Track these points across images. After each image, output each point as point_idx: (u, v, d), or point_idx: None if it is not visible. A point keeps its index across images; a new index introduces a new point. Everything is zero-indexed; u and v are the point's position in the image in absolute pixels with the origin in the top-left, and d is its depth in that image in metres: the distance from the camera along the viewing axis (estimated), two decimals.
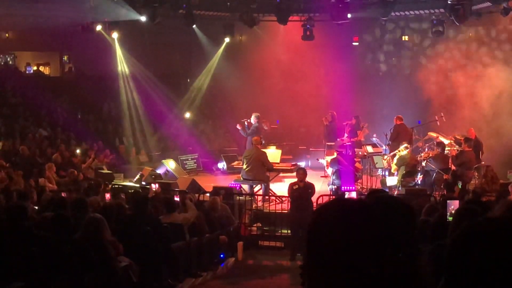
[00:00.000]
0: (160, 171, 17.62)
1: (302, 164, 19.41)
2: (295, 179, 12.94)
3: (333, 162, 14.91)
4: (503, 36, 21.41)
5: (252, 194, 14.42)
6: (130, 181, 16.32)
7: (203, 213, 11.06)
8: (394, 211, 2.02)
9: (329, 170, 15.33)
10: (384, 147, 17.54)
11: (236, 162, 17.12)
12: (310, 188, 12.49)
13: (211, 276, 10.78)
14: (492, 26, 21.19)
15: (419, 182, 15.03)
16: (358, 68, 23.21)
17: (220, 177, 18.49)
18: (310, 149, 20.47)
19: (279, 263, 12.08)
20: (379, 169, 16.33)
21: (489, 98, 18.48)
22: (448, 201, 8.14)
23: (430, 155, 15.63)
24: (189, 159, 19.82)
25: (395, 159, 15.24)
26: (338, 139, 17.48)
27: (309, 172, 18.59)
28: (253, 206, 14.16)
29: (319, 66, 22.28)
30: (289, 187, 12.67)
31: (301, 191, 12.34)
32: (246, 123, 17.36)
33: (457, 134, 17.17)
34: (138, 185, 15.43)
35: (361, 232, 1.90)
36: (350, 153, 16.00)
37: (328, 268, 1.90)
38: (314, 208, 11.22)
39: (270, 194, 14.75)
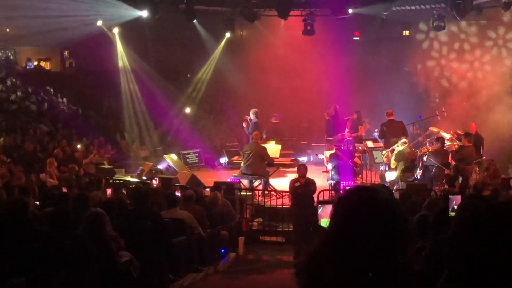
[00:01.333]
0: (161, 166, 17.63)
1: (304, 159, 19.44)
2: (296, 175, 12.93)
3: (331, 157, 14.93)
4: (504, 30, 21.36)
5: (251, 189, 14.42)
6: (131, 177, 16.32)
7: (204, 208, 11.06)
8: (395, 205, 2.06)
9: (329, 165, 15.32)
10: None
11: (236, 157, 17.13)
12: (311, 185, 12.20)
13: (212, 271, 10.79)
14: (493, 21, 21.15)
15: (419, 177, 15.02)
16: (359, 63, 23.15)
17: (222, 172, 18.48)
18: (312, 144, 20.46)
19: (280, 258, 12.10)
20: (381, 164, 16.33)
21: (490, 93, 18.48)
22: (450, 196, 8.13)
23: (430, 150, 15.64)
24: (191, 154, 19.83)
25: (394, 154, 15.24)
26: (338, 134, 17.47)
27: (310, 167, 18.62)
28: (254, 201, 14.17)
29: (320, 61, 22.23)
30: (290, 183, 12.46)
31: (303, 188, 12.09)
32: (248, 120, 17.44)
33: (458, 129, 17.16)
34: (139, 180, 15.44)
35: (381, 225, 1.93)
36: (351, 148, 16.03)
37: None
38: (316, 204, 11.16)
39: (270, 189, 14.75)
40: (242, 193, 13.90)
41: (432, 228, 5.39)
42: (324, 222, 10.40)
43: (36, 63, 26.86)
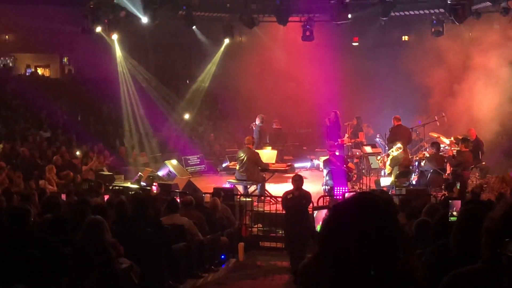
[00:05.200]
0: (162, 172, 17.64)
1: (307, 165, 19.46)
2: None
3: (325, 163, 14.95)
4: (503, 35, 21.35)
5: (246, 194, 14.41)
6: (131, 183, 16.33)
7: (204, 214, 11.05)
8: (392, 210, 2.08)
9: (325, 171, 15.27)
10: (387, 148, 17.46)
11: (232, 163, 17.11)
12: (305, 198, 11.13)
13: (212, 277, 10.77)
14: (492, 26, 21.15)
15: (414, 183, 14.97)
16: (358, 68, 23.19)
17: (224, 178, 18.44)
18: (316, 150, 20.44)
19: (280, 264, 12.06)
20: (382, 170, 16.34)
21: (490, 98, 18.45)
22: (450, 201, 8.12)
23: (426, 155, 15.63)
24: (193, 156, 19.90)
25: (388, 159, 15.23)
26: (338, 140, 17.47)
27: (312, 173, 18.72)
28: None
29: (319, 66, 22.25)
30: (283, 196, 11.48)
31: (295, 202, 11.02)
32: (253, 127, 17.50)
33: (459, 134, 17.16)
34: (138, 186, 15.43)
35: (374, 231, 1.94)
36: (347, 154, 16.08)
37: (335, 261, 1.93)
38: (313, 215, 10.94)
39: (266, 194, 14.74)
40: (242, 199, 13.90)
41: (432, 234, 5.39)
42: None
43: (35, 69, 26.91)
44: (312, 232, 10.32)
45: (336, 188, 14.07)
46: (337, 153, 15.34)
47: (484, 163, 16.59)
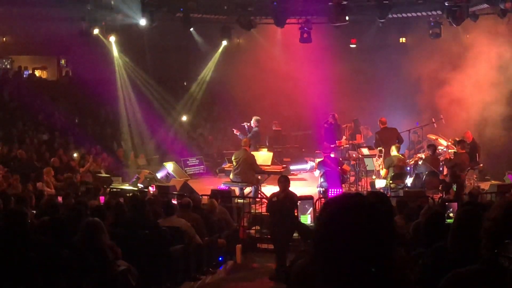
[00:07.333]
0: (161, 173, 17.64)
1: (306, 167, 19.47)
2: (299, 181, 12.79)
3: (320, 165, 14.95)
4: (500, 38, 21.36)
5: (244, 196, 14.42)
6: (129, 185, 16.31)
7: (202, 216, 11.03)
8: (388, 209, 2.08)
9: (316, 173, 15.23)
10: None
11: (228, 165, 17.09)
12: (289, 200, 10.91)
13: (210, 279, 10.75)
14: (490, 28, 21.18)
15: (409, 185, 14.96)
16: (356, 70, 23.20)
17: (223, 180, 18.41)
18: (316, 151, 20.46)
19: None
20: (380, 172, 16.34)
21: (487, 100, 18.48)
22: (447, 203, 8.13)
23: (422, 156, 15.63)
24: (192, 158, 19.91)
25: (384, 162, 15.23)
26: (330, 142, 17.49)
27: (311, 174, 18.67)
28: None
29: (316, 68, 22.26)
30: (268, 199, 11.47)
31: (280, 204, 10.80)
32: (246, 126, 17.43)
33: (457, 136, 17.19)
34: (135, 189, 15.42)
35: (368, 228, 1.93)
36: (340, 156, 16.10)
37: (332, 260, 1.93)
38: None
39: (260, 196, 14.74)
40: (239, 200, 13.89)
41: (427, 234, 5.37)
42: (304, 218, 10.42)
43: (32, 71, 26.85)
44: (296, 225, 10.36)
45: (330, 190, 14.09)
46: (332, 155, 15.34)
47: (481, 165, 16.62)
